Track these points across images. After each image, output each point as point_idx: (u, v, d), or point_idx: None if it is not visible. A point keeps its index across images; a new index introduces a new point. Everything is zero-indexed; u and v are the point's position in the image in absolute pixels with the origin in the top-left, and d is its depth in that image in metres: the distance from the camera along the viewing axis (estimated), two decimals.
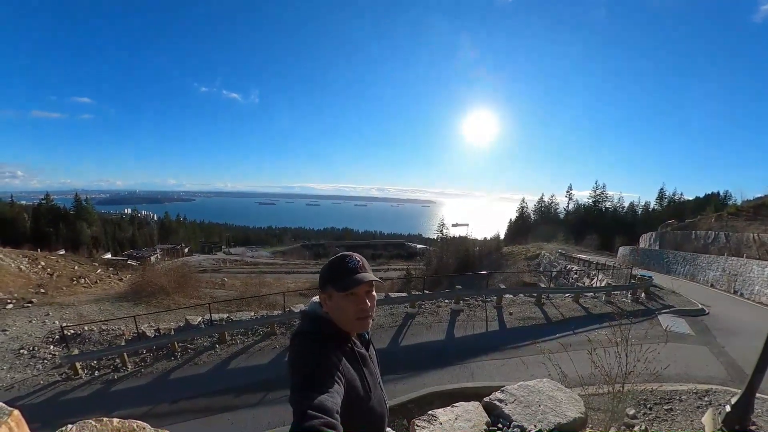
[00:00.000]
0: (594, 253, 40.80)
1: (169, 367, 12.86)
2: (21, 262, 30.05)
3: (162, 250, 74.94)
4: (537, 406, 3.78)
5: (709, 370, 10.28)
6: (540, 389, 4.08)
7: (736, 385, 8.67)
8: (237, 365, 12.74)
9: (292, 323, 15.26)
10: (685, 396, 7.81)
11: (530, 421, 3.54)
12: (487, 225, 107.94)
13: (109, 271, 36.35)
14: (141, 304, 21.85)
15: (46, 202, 77.38)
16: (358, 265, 1.51)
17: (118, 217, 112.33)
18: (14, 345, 14.77)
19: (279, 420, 9.02)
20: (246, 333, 14.84)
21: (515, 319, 15.52)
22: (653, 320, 14.90)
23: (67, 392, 11.74)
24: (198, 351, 13.77)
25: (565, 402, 3.89)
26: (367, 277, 1.49)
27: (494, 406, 3.86)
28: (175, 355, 13.57)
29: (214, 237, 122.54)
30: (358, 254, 1.57)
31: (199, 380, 11.95)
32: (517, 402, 3.84)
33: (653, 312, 16.17)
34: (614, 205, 76.77)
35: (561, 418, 3.62)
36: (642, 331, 6.96)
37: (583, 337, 11.66)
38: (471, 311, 16.24)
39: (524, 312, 16.20)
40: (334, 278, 1.49)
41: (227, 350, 13.68)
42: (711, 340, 12.97)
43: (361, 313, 1.49)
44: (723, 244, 27.08)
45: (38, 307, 19.94)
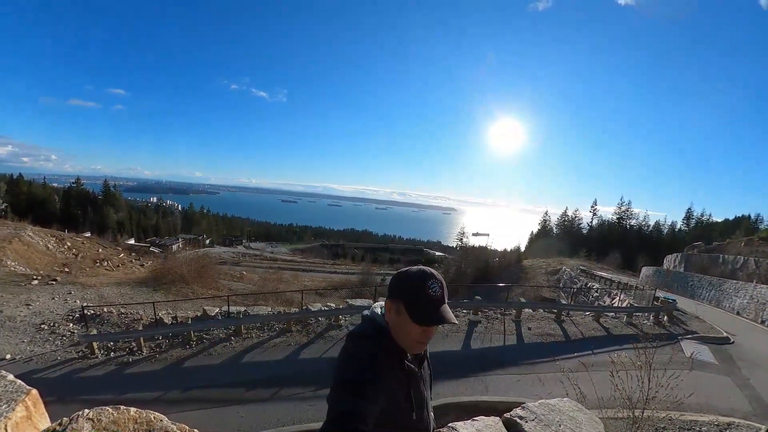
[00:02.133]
0: (616, 272, 39.92)
1: (183, 356, 13.02)
2: (49, 241, 30.97)
3: (184, 239, 76.21)
4: (557, 426, 3.67)
5: (731, 402, 9.95)
6: (560, 409, 3.96)
7: (759, 419, 8.35)
8: (251, 359, 12.80)
9: (308, 321, 15.33)
10: (706, 428, 7.50)
11: None
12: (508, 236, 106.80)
13: (132, 256, 37.12)
14: (160, 290, 22.20)
15: (76, 186, 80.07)
16: (439, 294, 1.40)
17: (144, 204, 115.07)
18: (36, 320, 15.19)
19: (289, 418, 9.02)
20: (262, 327, 14.95)
21: (533, 335, 15.31)
22: (675, 346, 14.44)
23: (83, 370, 11.97)
24: (213, 342, 13.92)
25: (585, 424, 3.77)
26: (449, 318, 1.39)
27: (514, 422, 3.75)
28: (190, 343, 13.73)
29: (235, 230, 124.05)
30: (438, 275, 1.45)
31: (212, 371, 12.06)
32: (537, 420, 3.73)
33: (676, 337, 15.71)
34: (639, 223, 74.62)
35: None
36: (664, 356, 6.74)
37: (602, 358, 11.49)
38: (489, 323, 16.06)
39: (543, 328, 15.96)
40: (412, 302, 1.39)
41: (242, 343, 13.77)
42: (735, 370, 12.55)
43: (425, 339, 1.44)
44: (752, 270, 26.17)
45: (61, 285, 20.44)
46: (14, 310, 15.81)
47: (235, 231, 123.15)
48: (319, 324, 15.33)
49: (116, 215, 79.26)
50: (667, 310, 18.22)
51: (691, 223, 71.66)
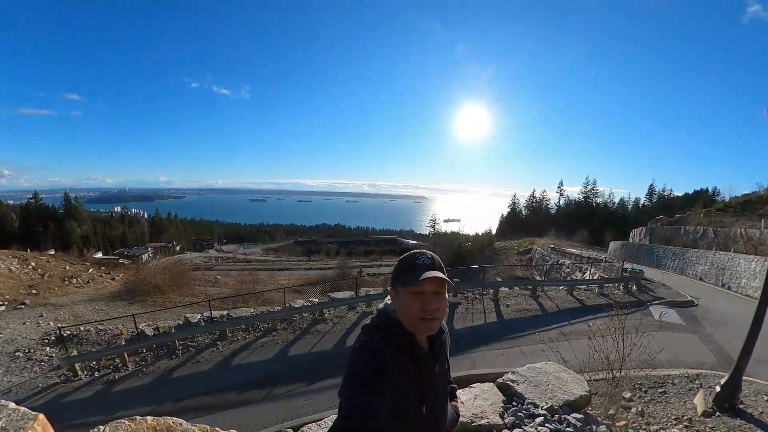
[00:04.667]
0: (585, 248, 41.30)
1: (171, 366, 12.87)
2: (11, 263, 29.68)
3: (153, 248, 74.34)
4: (546, 386, 4.03)
5: (699, 357, 10.68)
6: (547, 371, 4.33)
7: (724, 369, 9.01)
8: (240, 362, 12.82)
9: (293, 318, 15.46)
10: (678, 380, 8.13)
11: (541, 398, 3.78)
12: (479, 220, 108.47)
13: (101, 270, 36.07)
14: (136, 303, 21.80)
15: (34, 202, 76.17)
16: (428, 262, 1.45)
17: (109, 215, 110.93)
18: (9, 348, 14.54)
19: (286, 415, 9.14)
20: (247, 329, 14.96)
21: (512, 311, 15.89)
22: (645, 311, 15.29)
23: (68, 394, 11.61)
24: (199, 348, 13.82)
25: (570, 382, 4.14)
26: (434, 273, 1.40)
27: (508, 386, 4.10)
28: (176, 353, 13.59)
29: (205, 234, 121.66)
30: (430, 252, 1.51)
31: (203, 378, 12.01)
32: (527, 382, 4.07)
33: (645, 303, 16.63)
34: (605, 200, 77.61)
35: (568, 395, 3.86)
36: (635, 321, 7.31)
37: (579, 327, 12.09)
38: (469, 304, 16.58)
39: (520, 304, 16.57)
40: (402, 274, 1.45)
41: (229, 347, 13.77)
42: (700, 329, 13.42)
43: (426, 314, 1.40)
44: (711, 239, 27.67)
45: (31, 308, 19.80)
46: None
47: (205, 235, 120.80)
48: (303, 320, 15.46)
49: (80, 229, 76.09)
50: (636, 279, 19.20)
51: (654, 198, 74.92)
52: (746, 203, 33.72)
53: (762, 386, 7.30)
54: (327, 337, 14.16)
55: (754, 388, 7.07)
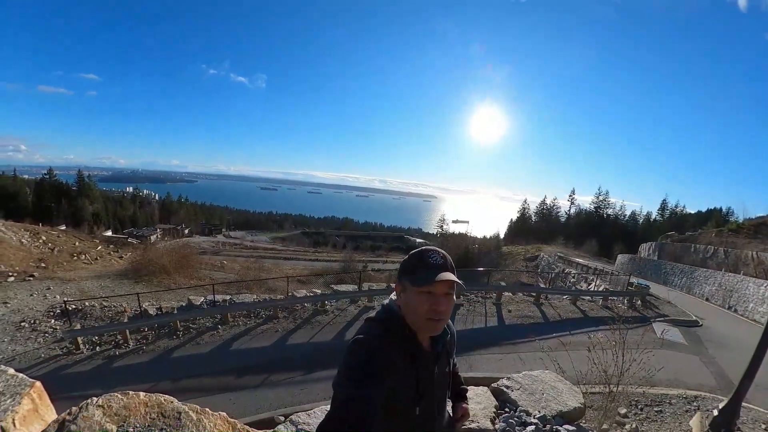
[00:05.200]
0: (592, 259, 41.03)
1: (171, 346, 13.02)
2: (23, 236, 30.11)
3: (162, 229, 74.95)
4: (540, 394, 4.00)
5: (698, 378, 10.55)
6: (543, 379, 4.30)
7: (723, 393, 8.90)
8: (239, 346, 12.95)
9: (294, 308, 15.56)
10: (675, 400, 8.05)
11: (534, 407, 3.75)
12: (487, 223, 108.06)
13: (110, 248, 36.49)
14: (141, 282, 21.96)
15: (48, 177, 77.56)
16: (440, 262, 1.40)
17: (120, 195, 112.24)
18: (15, 318, 14.75)
19: (280, 402, 9.22)
20: (248, 315, 15.08)
21: (514, 317, 15.86)
22: (648, 327, 15.11)
23: (69, 366, 11.80)
24: (200, 331, 13.96)
25: (565, 392, 4.12)
26: (448, 276, 1.36)
27: (501, 391, 4.08)
28: (177, 333, 13.73)
29: (214, 219, 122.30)
30: (441, 250, 1.46)
31: (201, 360, 12.12)
32: (522, 389, 4.05)
33: (648, 320, 16.49)
34: (616, 212, 76.99)
35: (562, 406, 3.84)
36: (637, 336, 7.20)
37: (580, 338, 11.99)
38: (471, 306, 16.57)
39: (523, 310, 16.52)
40: (412, 271, 1.40)
41: (229, 331, 13.89)
42: (702, 350, 13.29)
43: (433, 314, 1.36)
44: (721, 259, 27.31)
45: (39, 281, 20.02)
46: None
47: (214, 220, 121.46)
48: (305, 310, 15.55)
49: (92, 206, 77.07)
50: (641, 294, 19.04)
51: (666, 213, 73.94)
52: (760, 226, 33.13)
53: (761, 414, 7.21)
54: (327, 329, 14.22)
55: (752, 415, 6.99)
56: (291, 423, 3.13)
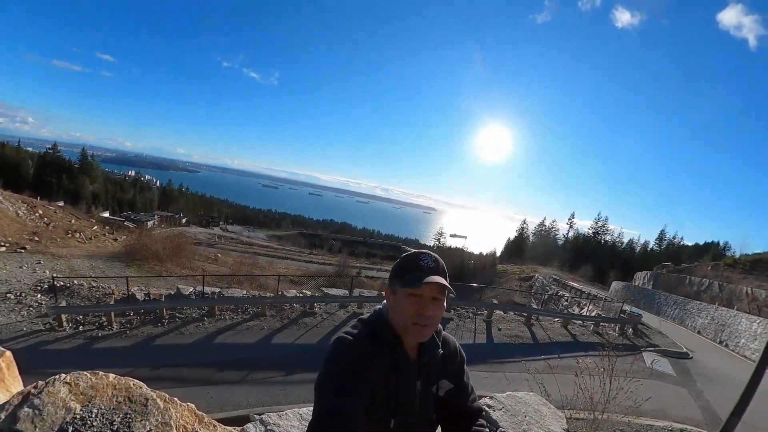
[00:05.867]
0: (587, 284, 40.93)
1: (154, 333, 12.91)
2: (19, 207, 30.10)
3: (160, 216, 74.92)
4: (523, 417, 3.85)
5: (685, 411, 10.47)
6: (527, 401, 4.16)
7: (710, 428, 8.81)
8: (223, 340, 12.81)
9: (283, 307, 15.41)
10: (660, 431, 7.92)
11: (515, 429, 3.60)
12: (485, 240, 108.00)
13: (105, 229, 36.39)
14: (133, 266, 21.83)
15: (52, 152, 77.48)
16: (431, 265, 1.34)
17: (122, 177, 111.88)
18: (2, 288, 14.69)
19: (259, 401, 9.09)
20: (236, 310, 14.96)
21: (503, 335, 15.74)
22: (638, 356, 14.99)
23: (50, 342, 11.68)
24: (186, 321, 13.84)
25: (549, 417, 3.97)
26: (436, 279, 1.29)
27: None
28: (162, 321, 13.62)
29: (213, 211, 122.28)
30: (435, 254, 1.39)
31: (184, 350, 12.01)
32: (504, 410, 3.90)
33: (638, 348, 16.37)
34: (613, 239, 76.87)
35: (544, 430, 3.69)
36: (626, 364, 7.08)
37: (568, 362, 11.85)
38: (461, 321, 16.48)
39: (513, 330, 16.40)
40: (402, 273, 1.33)
41: (215, 324, 13.76)
42: (691, 383, 13.19)
43: (420, 319, 1.29)
44: (715, 293, 27.22)
45: (30, 254, 19.94)
46: None
47: (212, 212, 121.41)
48: (293, 310, 15.41)
49: (92, 186, 77.08)
50: (633, 322, 18.95)
51: (663, 244, 73.90)
52: (757, 262, 33.14)
53: None
54: (313, 331, 14.07)
55: None
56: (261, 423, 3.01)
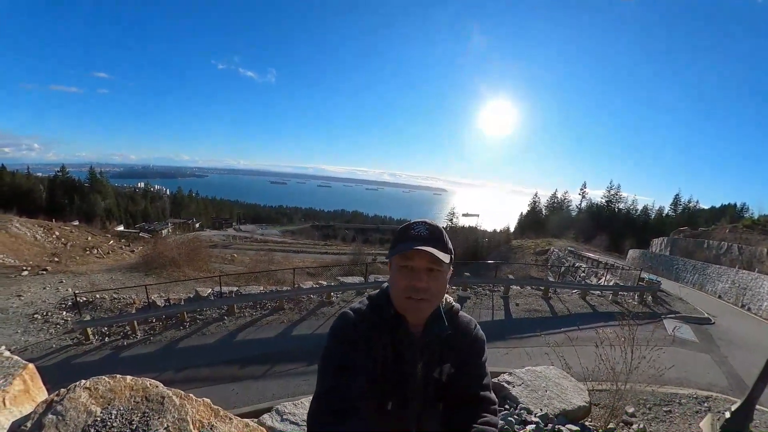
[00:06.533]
0: (603, 253, 40.55)
1: (177, 336, 13.20)
2: (36, 231, 30.73)
3: (173, 224, 75.86)
4: (543, 391, 3.85)
5: (710, 378, 10.28)
6: (547, 375, 4.15)
7: (735, 394, 8.65)
8: (244, 337, 13.05)
9: (300, 299, 15.61)
10: (685, 400, 7.79)
11: (536, 405, 3.61)
12: (497, 217, 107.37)
13: (122, 242, 36.90)
14: (151, 274, 22.17)
15: (61, 174, 78.86)
16: (423, 234, 1.25)
17: (132, 190, 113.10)
18: (29, 310, 15.08)
19: (283, 392, 9.19)
20: (255, 306, 15.18)
21: (521, 310, 15.68)
22: (658, 324, 14.67)
23: (78, 356, 12.08)
24: (206, 322, 14.11)
25: (570, 390, 3.97)
26: (425, 248, 1.20)
27: (502, 387, 3.94)
28: (183, 324, 13.91)
29: (225, 213, 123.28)
30: (432, 222, 1.31)
31: (207, 350, 12.26)
32: (524, 385, 3.91)
33: (659, 316, 16.20)
34: (627, 207, 75.29)
35: (566, 404, 3.68)
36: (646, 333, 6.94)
37: (588, 333, 11.79)
38: (478, 299, 16.46)
39: (530, 304, 16.33)
40: (394, 244, 1.28)
41: (235, 322, 14.00)
42: (714, 348, 12.94)
43: (412, 292, 1.22)
44: (735, 256, 26.71)
45: (52, 274, 20.31)
46: (5, 302, 15.66)
47: (224, 214, 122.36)
48: (311, 301, 15.59)
49: (104, 202, 78.21)
50: (652, 290, 18.69)
51: (679, 209, 72.43)
52: None
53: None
54: (331, 320, 13.96)
55: (765, 419, 6.75)
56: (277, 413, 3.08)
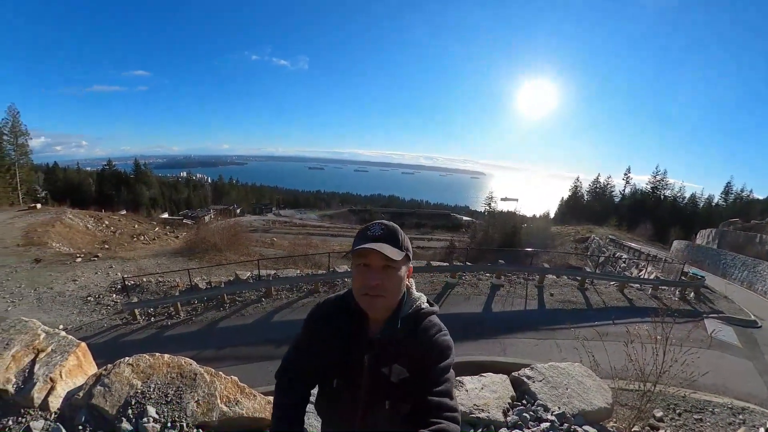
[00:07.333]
0: (646, 243, 39.12)
1: (217, 317, 13.97)
2: (88, 221, 32.72)
3: (215, 210, 78.20)
4: (564, 389, 3.85)
5: (749, 387, 9.61)
6: (570, 372, 4.13)
7: None
8: (280, 318, 13.63)
9: (335, 282, 16.05)
10: (719, 409, 7.19)
11: (555, 402, 3.62)
12: (537, 202, 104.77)
13: (166, 229, 38.42)
14: (194, 259, 23.12)
15: (108, 168, 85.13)
16: (377, 234, 1.31)
17: (175, 179, 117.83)
18: (83, 293, 16.39)
19: None
20: (291, 289, 15.73)
21: (555, 301, 15.41)
22: (699, 323, 13.46)
23: (126, 335, 13.12)
24: (245, 303, 14.79)
25: (593, 390, 3.94)
26: (373, 245, 1.26)
27: (521, 381, 3.96)
28: (224, 306, 14.62)
29: (264, 199, 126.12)
30: (390, 224, 1.36)
31: (245, 330, 12.95)
32: (545, 381, 3.92)
33: (700, 314, 15.31)
34: (674, 194, 71.88)
35: (586, 404, 3.66)
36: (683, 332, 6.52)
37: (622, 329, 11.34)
38: (511, 287, 16.25)
39: (565, 295, 16.00)
40: (353, 245, 1.33)
41: (272, 304, 14.60)
42: (758, 355, 12.05)
43: (368, 289, 1.29)
44: None
45: (103, 260, 21.62)
46: (63, 286, 17.05)
47: (264, 199, 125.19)
48: (345, 285, 15.85)
49: (149, 192, 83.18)
50: (695, 286, 17.68)
51: (730, 198, 68.20)
52: None
53: None
54: None
55: None
56: None
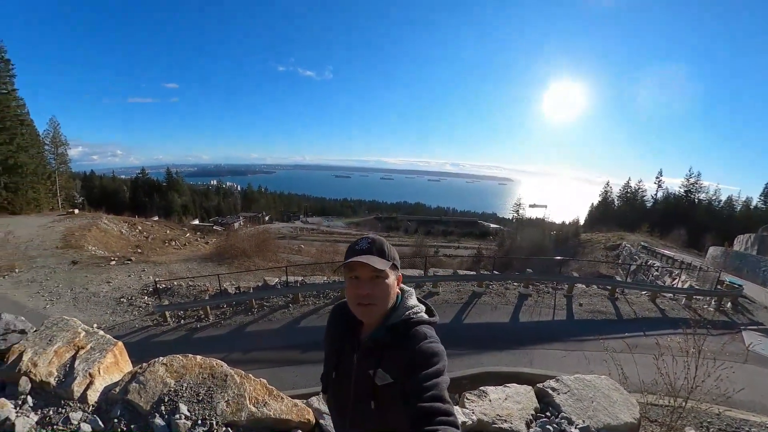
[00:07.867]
0: (680, 250, 37.77)
1: (245, 321, 14.30)
2: (122, 226, 34.19)
3: (244, 217, 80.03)
4: (590, 402, 3.79)
5: None
6: (596, 385, 4.06)
7: None
8: (307, 324, 13.84)
9: None
10: (756, 429, 6.80)
11: (579, 416, 3.57)
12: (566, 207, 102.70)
13: (197, 235, 39.52)
14: (224, 264, 23.66)
15: (142, 176, 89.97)
16: (364, 247, 1.41)
17: (205, 187, 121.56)
18: (116, 294, 17.11)
19: None
20: (318, 296, 15.94)
21: (584, 311, 15.08)
22: (735, 335, 12.77)
23: (157, 335, 13.67)
24: (273, 309, 15.07)
25: (620, 404, 3.86)
26: (360, 258, 1.36)
27: (546, 393, 3.92)
28: (252, 311, 14.95)
29: (292, 207, 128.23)
30: (380, 238, 1.47)
31: (272, 335, 13.19)
32: (570, 394, 3.87)
33: (737, 326, 14.58)
34: (709, 197, 68.69)
35: (612, 419, 3.59)
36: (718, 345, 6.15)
37: (652, 341, 10.97)
38: (539, 297, 15.99)
39: (595, 305, 15.63)
40: (344, 260, 1.43)
41: (299, 310, 14.85)
42: None
43: (360, 299, 1.38)
44: None
45: (136, 264, 22.36)
46: (97, 287, 17.88)
47: (292, 207, 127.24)
48: None
49: (180, 199, 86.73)
50: (732, 295, 16.97)
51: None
52: None
53: None
54: None
55: None
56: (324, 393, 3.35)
